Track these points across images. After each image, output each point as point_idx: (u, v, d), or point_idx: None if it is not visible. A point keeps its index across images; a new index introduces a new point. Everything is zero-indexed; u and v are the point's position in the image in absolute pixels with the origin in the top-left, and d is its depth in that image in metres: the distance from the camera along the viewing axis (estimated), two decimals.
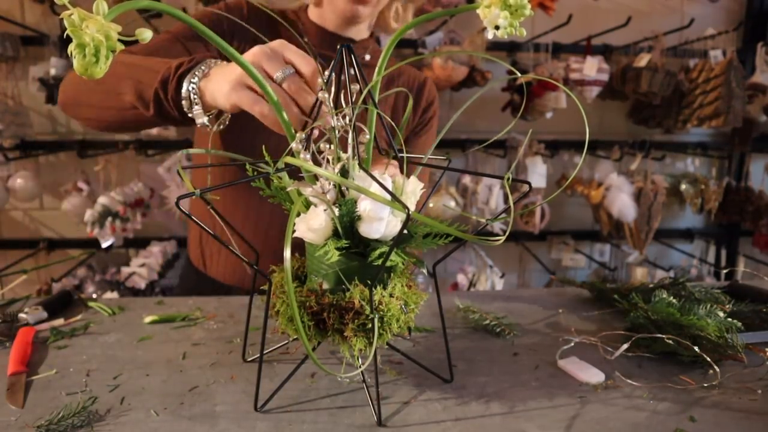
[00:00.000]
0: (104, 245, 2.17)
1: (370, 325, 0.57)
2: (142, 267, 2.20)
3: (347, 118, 0.58)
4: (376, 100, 0.62)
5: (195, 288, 1.16)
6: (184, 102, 0.72)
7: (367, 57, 1.11)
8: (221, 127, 0.75)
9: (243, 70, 0.59)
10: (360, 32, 1.09)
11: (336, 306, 0.58)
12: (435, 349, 0.77)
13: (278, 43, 0.67)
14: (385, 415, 0.60)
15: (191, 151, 0.68)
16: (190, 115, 0.73)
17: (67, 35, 0.41)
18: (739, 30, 2.48)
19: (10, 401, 0.61)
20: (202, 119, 0.72)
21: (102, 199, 2.12)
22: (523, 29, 0.49)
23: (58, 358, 0.73)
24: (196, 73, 0.71)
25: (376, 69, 0.62)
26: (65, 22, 0.41)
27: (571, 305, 0.97)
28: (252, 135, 1.01)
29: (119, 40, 0.42)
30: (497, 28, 0.49)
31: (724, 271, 2.48)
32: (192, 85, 0.71)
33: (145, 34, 0.43)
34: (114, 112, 0.84)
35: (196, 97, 0.71)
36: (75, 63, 0.41)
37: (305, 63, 0.65)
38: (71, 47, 0.41)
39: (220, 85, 0.67)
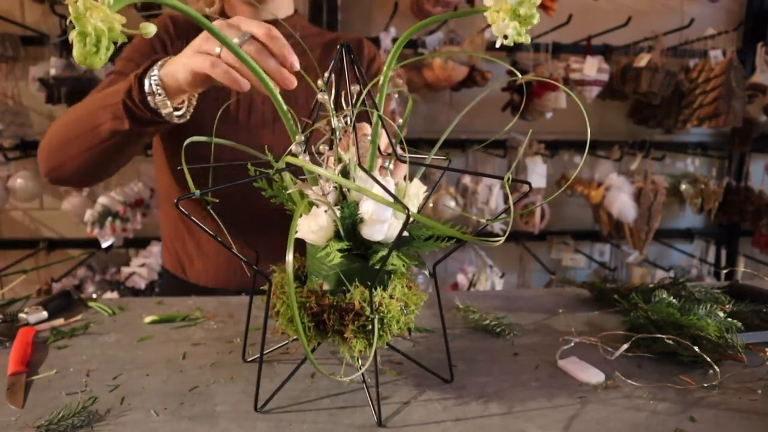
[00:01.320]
0: (104, 245, 2.17)
1: (370, 327, 0.57)
2: (142, 267, 2.20)
3: (347, 119, 0.58)
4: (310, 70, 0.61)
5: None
6: (149, 98, 0.76)
7: (297, 35, 1.14)
8: (185, 113, 0.80)
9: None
10: (279, 9, 1.11)
11: (336, 307, 0.58)
12: (435, 349, 0.77)
13: (235, 18, 0.69)
14: (385, 415, 0.60)
15: (196, 139, 0.68)
16: (162, 111, 0.78)
17: (70, 22, 0.40)
18: (739, 30, 2.48)
19: (10, 401, 0.61)
20: (167, 109, 0.77)
21: (102, 199, 2.12)
22: (528, 36, 0.49)
23: (58, 358, 0.73)
24: (154, 68, 0.76)
25: (385, 66, 0.62)
26: (70, 9, 0.40)
27: (571, 305, 0.97)
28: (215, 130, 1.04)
29: (122, 32, 0.42)
30: (506, 37, 0.49)
31: (724, 271, 2.48)
32: (153, 77, 0.75)
33: (149, 28, 0.42)
34: (97, 150, 0.86)
35: (158, 87, 0.75)
36: (74, 51, 0.40)
37: (259, 27, 0.67)
38: (72, 35, 0.40)
39: (177, 62, 0.72)
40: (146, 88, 0.76)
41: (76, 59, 0.41)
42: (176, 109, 0.79)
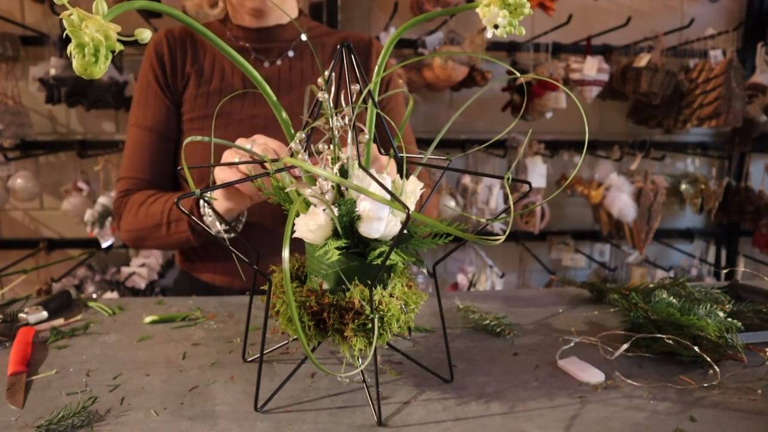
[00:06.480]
0: (104, 245, 2.17)
1: (370, 325, 0.57)
2: (142, 267, 2.20)
3: (347, 118, 0.58)
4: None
5: (189, 293, 1.16)
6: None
7: (303, 37, 1.17)
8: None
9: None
10: (283, 16, 1.13)
11: (336, 306, 0.58)
12: (435, 349, 0.77)
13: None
14: (385, 415, 0.60)
15: (195, 139, 0.68)
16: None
17: (67, 35, 0.41)
18: (739, 30, 2.48)
19: (10, 401, 0.61)
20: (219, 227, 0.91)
21: (102, 199, 2.12)
22: (522, 28, 0.49)
23: (58, 358, 0.73)
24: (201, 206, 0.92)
25: (376, 69, 0.62)
26: (65, 22, 0.41)
27: (571, 305, 0.97)
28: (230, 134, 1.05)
29: (119, 40, 0.42)
30: (496, 27, 0.49)
31: (724, 271, 2.47)
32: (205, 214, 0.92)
33: (144, 34, 0.43)
34: (175, 245, 1.07)
35: (211, 217, 0.91)
36: (74, 63, 0.41)
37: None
38: (70, 47, 0.41)
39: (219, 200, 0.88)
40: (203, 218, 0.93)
41: (76, 71, 0.41)
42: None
